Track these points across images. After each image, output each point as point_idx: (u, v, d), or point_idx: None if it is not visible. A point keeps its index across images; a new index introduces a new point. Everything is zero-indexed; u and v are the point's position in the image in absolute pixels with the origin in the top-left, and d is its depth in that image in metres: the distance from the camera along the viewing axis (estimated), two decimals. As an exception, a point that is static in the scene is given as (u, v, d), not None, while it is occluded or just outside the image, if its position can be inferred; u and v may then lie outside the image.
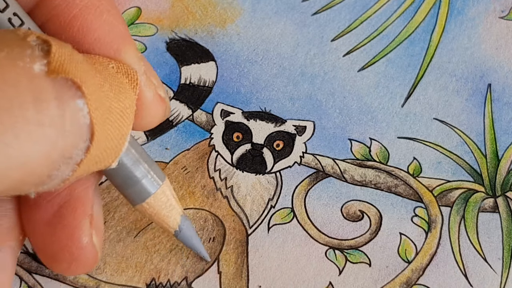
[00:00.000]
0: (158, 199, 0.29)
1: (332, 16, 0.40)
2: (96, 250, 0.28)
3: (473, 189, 0.35)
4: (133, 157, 0.28)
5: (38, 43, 0.22)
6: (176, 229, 0.31)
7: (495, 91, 0.37)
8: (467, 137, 0.36)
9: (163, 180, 0.30)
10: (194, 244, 0.32)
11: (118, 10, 0.27)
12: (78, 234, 0.27)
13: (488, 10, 0.40)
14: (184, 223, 0.31)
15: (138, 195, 0.29)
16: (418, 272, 0.32)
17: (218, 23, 0.40)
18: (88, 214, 0.28)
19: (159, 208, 0.30)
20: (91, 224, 0.28)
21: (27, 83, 0.21)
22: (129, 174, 0.28)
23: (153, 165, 0.29)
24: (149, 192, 0.29)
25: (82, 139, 0.23)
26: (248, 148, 0.36)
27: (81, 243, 0.27)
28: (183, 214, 0.31)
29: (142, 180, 0.29)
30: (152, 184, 0.29)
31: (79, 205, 0.28)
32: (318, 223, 0.34)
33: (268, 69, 0.38)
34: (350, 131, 0.36)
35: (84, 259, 0.28)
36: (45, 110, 0.22)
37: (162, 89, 0.28)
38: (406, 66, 0.38)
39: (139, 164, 0.28)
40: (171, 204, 0.30)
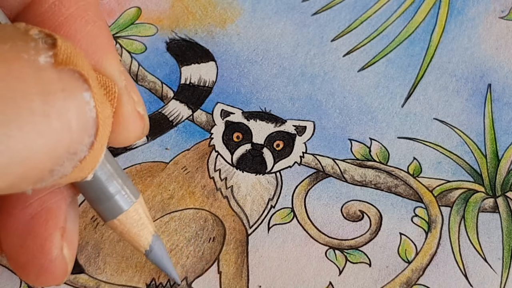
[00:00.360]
0: (130, 216, 0.29)
1: (332, 16, 0.40)
2: (66, 263, 0.28)
3: (473, 189, 0.35)
4: (108, 171, 0.27)
5: (41, 37, 0.22)
6: (147, 249, 0.30)
7: (495, 91, 0.37)
8: (467, 137, 0.36)
9: (137, 197, 0.29)
10: (164, 264, 0.31)
11: (105, 21, 0.27)
12: (48, 246, 0.27)
13: (488, 10, 0.40)
14: (156, 242, 0.30)
15: (110, 211, 0.28)
16: (418, 272, 0.32)
17: (218, 23, 0.40)
18: (60, 226, 0.27)
19: (131, 226, 0.29)
20: (62, 237, 0.27)
21: (33, 74, 0.21)
22: (103, 189, 0.27)
23: (127, 181, 0.28)
24: (121, 208, 0.28)
25: (87, 134, 0.23)
26: (248, 148, 0.36)
27: (51, 256, 0.27)
28: (155, 234, 0.30)
29: (115, 196, 0.28)
30: (126, 200, 0.28)
31: (50, 217, 0.27)
32: (318, 223, 0.34)
33: (268, 69, 0.38)
34: (350, 131, 0.36)
35: (53, 271, 0.27)
36: (51, 101, 0.21)
37: (141, 105, 0.27)
38: (406, 66, 0.38)
39: (113, 179, 0.27)
40: (143, 223, 0.29)
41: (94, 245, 0.33)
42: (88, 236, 0.33)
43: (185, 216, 0.34)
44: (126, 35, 0.39)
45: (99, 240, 0.33)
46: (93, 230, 0.33)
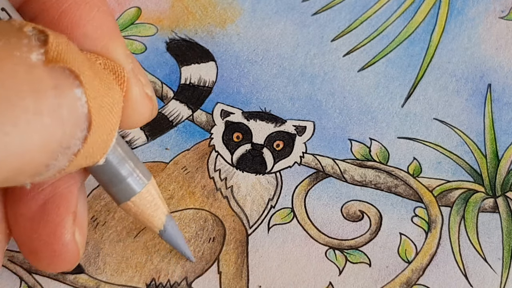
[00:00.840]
0: (143, 197, 0.29)
1: (332, 16, 0.40)
2: (78, 248, 0.28)
3: (473, 189, 0.35)
4: (119, 155, 0.28)
5: (35, 33, 0.22)
6: (161, 229, 0.31)
7: (495, 91, 0.37)
8: (467, 137, 0.36)
9: (149, 179, 0.29)
10: (179, 244, 0.32)
11: (108, 6, 0.27)
12: (61, 231, 0.27)
13: (488, 10, 0.40)
14: (169, 222, 0.31)
15: (123, 193, 0.29)
16: (418, 272, 0.32)
17: (218, 23, 0.40)
18: (72, 211, 0.28)
19: (144, 207, 0.29)
20: (74, 222, 0.28)
21: (24, 73, 0.21)
22: (115, 172, 0.28)
23: (138, 164, 0.29)
24: (134, 190, 0.29)
25: (79, 128, 0.23)
26: (248, 148, 0.36)
27: (63, 240, 0.27)
28: (168, 214, 0.31)
29: (127, 178, 0.28)
30: (138, 182, 0.29)
31: (63, 202, 0.27)
32: (318, 223, 0.34)
33: (268, 69, 0.38)
34: (350, 131, 0.36)
35: (65, 256, 0.28)
36: (43, 99, 0.22)
37: (149, 87, 0.28)
38: (406, 66, 0.38)
39: (125, 162, 0.28)
40: (156, 204, 0.30)
41: (94, 245, 0.33)
42: (88, 236, 0.33)
43: (185, 216, 0.34)
44: (126, 35, 0.39)
45: (99, 240, 0.33)
46: (93, 230, 0.33)
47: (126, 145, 0.28)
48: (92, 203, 0.34)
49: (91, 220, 0.33)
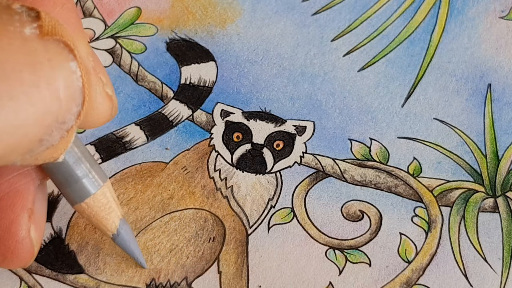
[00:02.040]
0: (97, 200, 0.29)
1: (332, 16, 0.40)
2: (32, 245, 0.28)
3: (473, 189, 0.35)
4: (75, 154, 0.28)
5: (24, 10, 0.22)
6: (114, 232, 0.30)
7: (495, 91, 0.37)
8: (467, 137, 0.36)
9: (105, 181, 0.29)
10: (131, 248, 0.31)
11: (73, 4, 0.27)
12: (15, 227, 0.27)
13: (488, 10, 0.40)
14: (123, 226, 0.30)
15: (77, 194, 0.29)
16: (418, 272, 0.32)
17: (218, 23, 0.40)
18: (28, 208, 0.27)
19: (98, 209, 0.29)
20: (29, 219, 0.27)
21: (20, 46, 0.21)
22: (70, 172, 0.28)
23: (95, 165, 0.29)
24: (89, 192, 0.29)
25: (75, 103, 0.23)
26: (248, 148, 0.36)
27: (17, 237, 0.27)
28: (122, 218, 0.30)
29: (82, 179, 0.28)
30: (93, 184, 0.29)
31: (18, 198, 0.27)
32: (318, 223, 0.34)
33: (268, 69, 0.38)
34: (350, 131, 0.36)
35: (19, 253, 0.27)
36: (39, 71, 0.22)
37: (110, 87, 0.27)
38: (406, 66, 0.38)
39: (80, 162, 0.28)
40: (111, 207, 0.30)
41: (94, 245, 0.33)
42: (88, 236, 0.33)
43: (185, 216, 0.34)
44: (126, 35, 0.39)
45: (99, 240, 0.33)
46: (93, 230, 0.33)
47: (83, 146, 0.28)
48: (92, 203, 0.34)
49: (91, 220, 0.33)
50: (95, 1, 0.40)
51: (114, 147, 0.36)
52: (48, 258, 0.33)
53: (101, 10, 0.40)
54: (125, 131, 0.36)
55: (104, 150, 0.35)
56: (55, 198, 0.34)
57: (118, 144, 0.36)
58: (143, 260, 0.32)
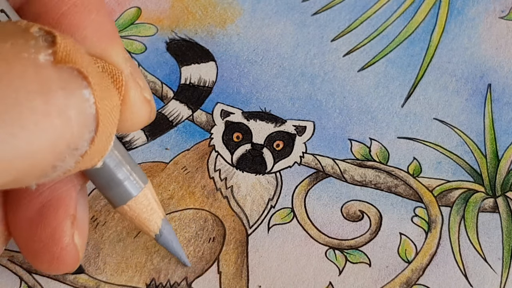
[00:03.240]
0: (139, 202, 0.29)
1: (332, 16, 0.40)
2: (77, 251, 0.28)
3: (473, 189, 0.35)
4: (116, 158, 0.28)
5: (41, 34, 0.22)
6: (157, 233, 0.30)
7: (495, 91, 0.37)
8: (467, 137, 0.36)
9: (146, 183, 0.29)
10: (174, 248, 0.32)
11: (107, 9, 0.27)
12: (59, 234, 0.27)
13: (488, 10, 0.40)
14: (165, 227, 0.31)
15: (119, 197, 0.29)
16: (418, 272, 0.32)
17: (218, 23, 0.40)
18: (70, 214, 0.27)
19: (140, 211, 0.29)
20: (73, 225, 0.28)
21: (33, 73, 0.21)
22: (112, 176, 0.28)
23: (135, 168, 0.29)
24: (130, 194, 0.29)
25: (88, 129, 0.23)
26: (248, 148, 0.36)
27: (62, 243, 0.27)
28: (164, 218, 0.31)
29: (124, 182, 0.28)
30: (134, 186, 0.29)
31: (61, 205, 0.27)
32: (318, 223, 0.34)
33: (268, 69, 0.38)
34: (350, 131, 0.36)
35: (64, 259, 0.28)
36: (52, 100, 0.22)
37: (148, 91, 0.28)
38: (406, 66, 0.38)
39: (122, 165, 0.28)
40: (153, 208, 0.30)
41: (94, 245, 0.33)
42: (88, 236, 0.33)
43: (185, 216, 0.34)
44: (126, 35, 0.39)
45: (99, 240, 0.33)
46: (93, 230, 0.33)
47: (123, 148, 0.28)
48: (92, 203, 0.34)
49: (91, 220, 0.33)
50: (95, 1, 0.40)
51: (114, 147, 0.36)
52: (48, 258, 0.33)
53: (101, 10, 0.40)
54: (125, 131, 0.36)
55: (104, 150, 0.35)
56: (55, 198, 0.34)
57: (118, 144, 0.36)
58: (186, 259, 0.32)
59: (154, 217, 0.30)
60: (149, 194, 0.30)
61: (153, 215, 0.30)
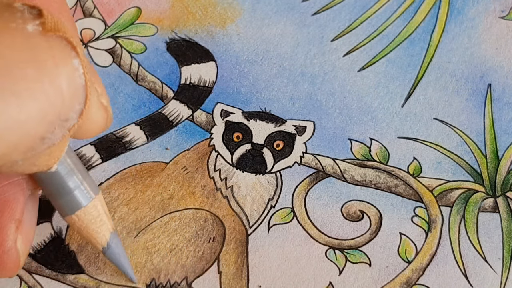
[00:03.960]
0: (88, 212, 0.29)
1: (332, 16, 0.40)
2: (18, 256, 0.28)
3: (473, 189, 0.35)
4: (68, 166, 0.27)
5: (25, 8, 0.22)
6: (104, 246, 0.30)
7: (495, 91, 0.37)
8: (467, 137, 0.36)
9: (97, 194, 0.29)
10: (121, 262, 0.31)
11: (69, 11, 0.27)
12: (2, 237, 0.27)
13: (488, 10, 0.40)
14: (113, 240, 0.30)
15: (69, 206, 0.28)
16: (418, 272, 0.32)
17: (218, 23, 0.40)
18: (16, 218, 0.27)
19: (89, 222, 0.29)
20: (17, 229, 0.27)
21: (23, 42, 0.22)
22: (62, 184, 0.28)
23: (87, 177, 0.28)
24: (80, 204, 0.28)
25: (78, 100, 0.23)
26: (248, 148, 0.36)
27: (3, 247, 0.27)
28: (113, 231, 0.30)
29: (74, 191, 0.28)
30: (85, 196, 0.28)
31: (6, 208, 0.27)
32: (318, 223, 0.34)
33: (268, 69, 0.38)
34: (350, 131, 0.36)
35: (5, 263, 0.27)
36: (43, 68, 0.22)
37: (105, 97, 0.27)
38: (406, 66, 0.38)
39: (73, 174, 0.28)
40: (102, 220, 0.29)
41: (94, 245, 0.33)
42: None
43: (185, 216, 0.34)
44: (126, 35, 0.39)
45: (99, 240, 0.33)
46: (93, 230, 0.33)
47: (75, 157, 0.28)
48: (92, 203, 0.34)
49: (91, 220, 0.33)
50: (95, 1, 0.40)
51: (114, 147, 0.36)
52: (48, 258, 0.33)
53: (101, 10, 0.40)
54: (125, 131, 0.36)
55: (104, 150, 0.35)
56: (55, 198, 0.34)
57: (118, 144, 0.36)
58: (133, 274, 0.32)
59: (103, 229, 0.30)
60: (99, 206, 0.29)
61: (102, 227, 0.30)
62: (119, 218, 0.34)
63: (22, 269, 0.32)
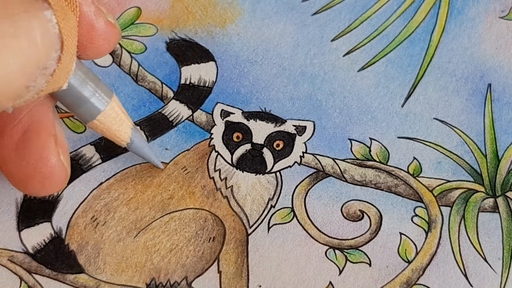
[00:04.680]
0: (107, 115, 0.31)
1: (332, 16, 0.40)
2: (65, 167, 0.30)
3: (473, 189, 0.35)
4: (80, 77, 0.29)
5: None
6: (128, 142, 0.33)
7: (495, 91, 0.37)
8: (467, 137, 0.36)
9: (111, 97, 0.31)
10: (145, 153, 0.34)
11: None
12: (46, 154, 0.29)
13: (488, 10, 0.40)
14: (135, 135, 0.33)
15: (89, 113, 0.31)
16: (418, 272, 0.32)
17: (218, 23, 0.40)
18: (52, 134, 0.29)
19: (110, 124, 0.31)
20: (56, 144, 0.29)
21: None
22: (78, 94, 0.30)
23: (100, 84, 0.30)
24: (98, 109, 0.31)
25: (54, 48, 0.25)
26: (248, 148, 0.36)
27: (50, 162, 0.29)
28: (133, 127, 0.32)
29: (91, 99, 0.30)
30: (101, 101, 0.31)
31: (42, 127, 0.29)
32: (318, 223, 0.34)
33: (268, 69, 0.38)
34: (350, 131, 0.36)
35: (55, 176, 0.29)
36: (17, 23, 0.23)
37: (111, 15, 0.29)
38: (406, 66, 0.38)
39: (86, 84, 0.30)
40: (121, 119, 0.32)
41: (94, 245, 0.33)
42: (88, 236, 0.33)
43: (185, 216, 0.34)
44: (126, 35, 0.39)
45: (99, 240, 0.33)
46: (93, 230, 0.33)
47: (85, 68, 0.30)
48: (92, 203, 0.34)
49: (91, 220, 0.33)
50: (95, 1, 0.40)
51: (114, 147, 0.36)
52: (48, 258, 0.33)
53: (101, 10, 0.40)
54: (125, 131, 0.36)
55: (104, 150, 0.35)
56: (55, 198, 0.34)
57: (118, 144, 0.36)
58: (158, 162, 0.34)
59: (124, 127, 0.32)
60: (116, 107, 0.31)
61: (122, 126, 0.32)
62: (119, 218, 0.34)
63: (22, 268, 0.32)
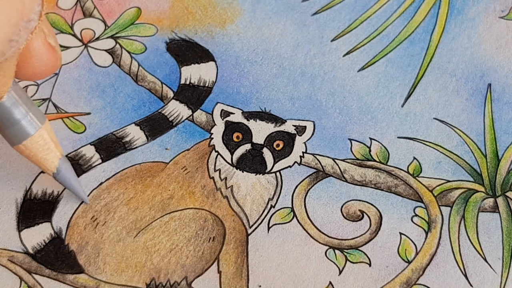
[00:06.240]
0: (35, 141, 0.31)
1: (332, 16, 0.40)
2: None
3: (473, 189, 0.35)
4: (13, 97, 0.29)
5: None
6: (54, 171, 0.32)
7: (495, 91, 0.37)
8: (467, 137, 0.36)
9: (43, 123, 0.31)
10: (72, 185, 0.33)
11: None
12: None
13: (488, 10, 0.40)
14: (63, 165, 0.32)
15: (16, 136, 0.31)
16: (418, 272, 0.32)
17: (218, 23, 0.40)
18: None
19: (36, 151, 0.31)
20: None
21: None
22: (8, 115, 0.30)
23: (33, 108, 0.30)
24: (27, 133, 0.30)
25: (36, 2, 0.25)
26: (248, 148, 0.36)
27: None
28: (62, 157, 0.32)
29: (21, 121, 0.30)
30: (31, 126, 0.30)
31: None
32: (318, 223, 0.34)
33: (268, 69, 0.38)
34: (350, 131, 0.36)
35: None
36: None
37: (52, 37, 0.29)
38: (406, 66, 0.38)
39: (18, 105, 0.30)
40: (49, 148, 0.31)
41: (94, 245, 0.33)
42: (88, 236, 0.33)
43: (185, 216, 0.34)
44: (126, 35, 0.39)
45: (99, 240, 0.33)
46: (93, 230, 0.33)
47: (21, 90, 0.30)
48: (92, 203, 0.34)
49: (91, 220, 0.33)
50: (95, 1, 0.40)
51: (114, 147, 0.36)
52: (48, 258, 0.33)
53: (101, 10, 0.40)
54: (125, 131, 0.36)
55: (104, 150, 0.35)
56: (55, 198, 0.34)
57: (118, 144, 0.36)
58: (85, 196, 0.33)
59: (51, 156, 0.32)
60: (46, 134, 0.31)
61: (50, 155, 0.32)
62: (119, 218, 0.34)
63: (22, 268, 0.32)
